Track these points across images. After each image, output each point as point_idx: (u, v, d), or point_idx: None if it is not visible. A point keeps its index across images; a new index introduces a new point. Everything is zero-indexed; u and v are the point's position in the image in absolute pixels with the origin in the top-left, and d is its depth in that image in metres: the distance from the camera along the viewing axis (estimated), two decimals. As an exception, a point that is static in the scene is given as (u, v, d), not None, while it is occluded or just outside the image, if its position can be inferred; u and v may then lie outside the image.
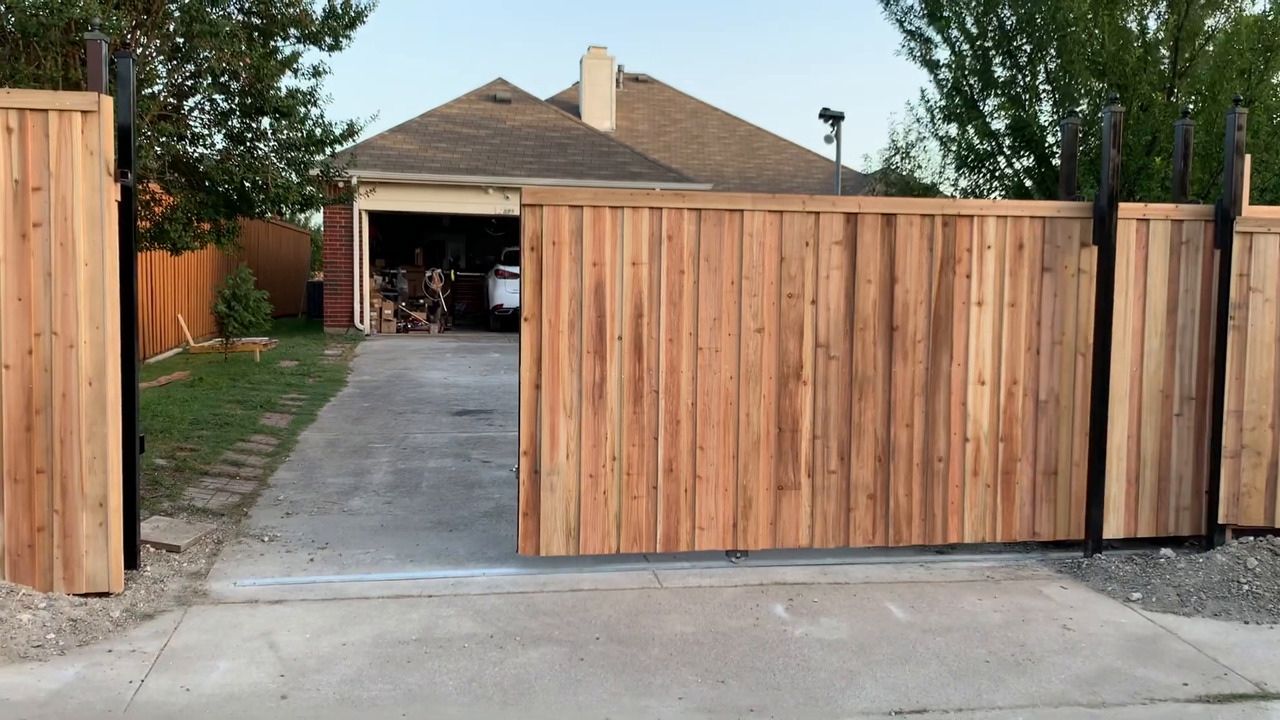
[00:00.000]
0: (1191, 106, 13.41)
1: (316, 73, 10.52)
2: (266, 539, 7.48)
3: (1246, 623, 6.21)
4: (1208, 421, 7.49)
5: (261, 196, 10.23)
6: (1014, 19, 14.97)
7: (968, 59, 15.80)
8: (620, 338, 6.81)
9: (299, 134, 10.29)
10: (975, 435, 7.27)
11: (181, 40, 9.35)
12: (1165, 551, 7.37)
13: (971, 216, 7.18)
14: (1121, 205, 7.36)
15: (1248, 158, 7.43)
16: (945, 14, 15.81)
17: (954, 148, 16.57)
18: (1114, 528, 7.43)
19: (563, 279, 6.71)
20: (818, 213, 7.00)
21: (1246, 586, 6.57)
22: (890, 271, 7.11)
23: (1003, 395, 7.29)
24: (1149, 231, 7.40)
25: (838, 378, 7.08)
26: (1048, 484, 7.38)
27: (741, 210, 6.91)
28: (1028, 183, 15.54)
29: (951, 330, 7.20)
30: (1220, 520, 7.41)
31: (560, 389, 6.74)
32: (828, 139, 24.55)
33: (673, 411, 6.90)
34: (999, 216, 7.23)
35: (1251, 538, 7.31)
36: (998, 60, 15.53)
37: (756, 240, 6.93)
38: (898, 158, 18.18)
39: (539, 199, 6.68)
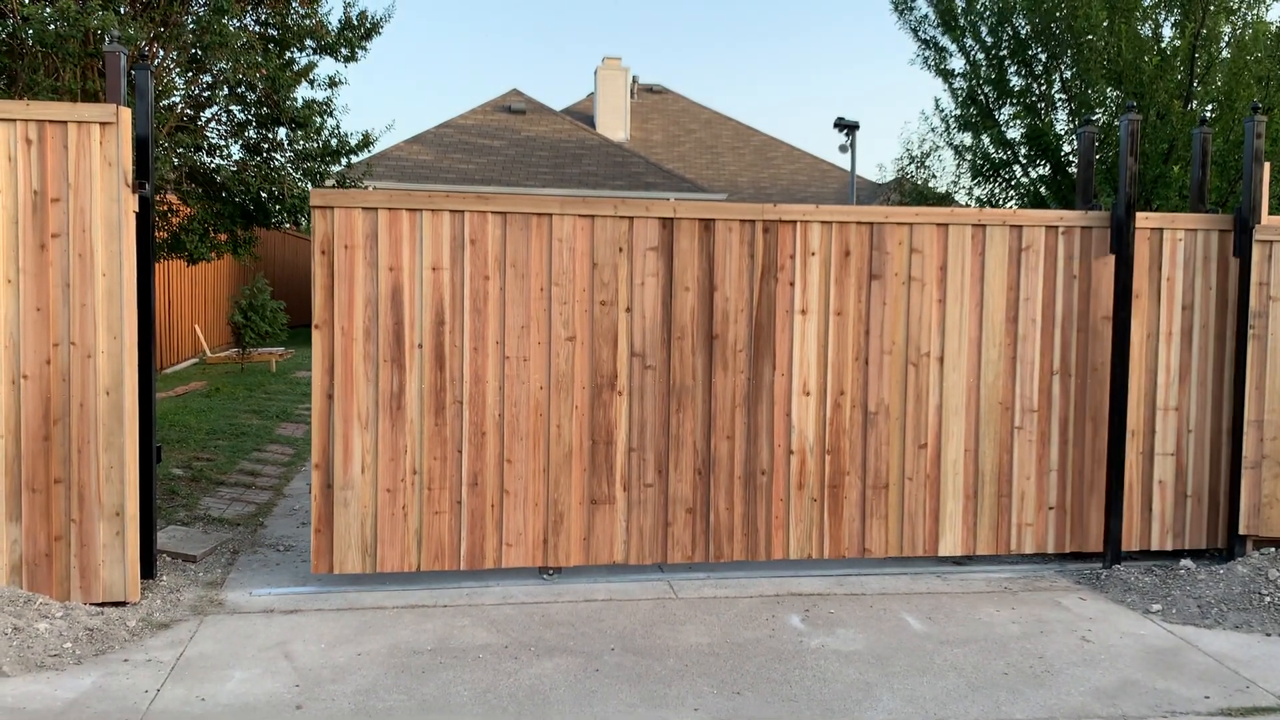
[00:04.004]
0: (1209, 114, 13.34)
1: (332, 83, 10.59)
2: (282, 549, 7.49)
3: (1268, 635, 6.14)
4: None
5: (278, 207, 10.29)
6: (1029, 28, 14.92)
7: (983, 68, 15.76)
8: (420, 346, 6.58)
9: (315, 144, 10.34)
10: (800, 447, 7.04)
11: (198, 52, 9.41)
12: (1185, 563, 7.31)
13: (794, 222, 6.96)
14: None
15: (1266, 165, 7.38)
16: (960, 23, 15.78)
17: (969, 157, 16.51)
18: (950, 544, 7.26)
19: (356, 284, 6.48)
20: (631, 217, 6.80)
21: (1268, 598, 6.50)
22: (710, 278, 6.91)
23: (829, 406, 7.05)
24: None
25: (654, 388, 6.88)
26: (878, 498, 7.14)
27: (550, 214, 6.71)
28: (1043, 191, 15.48)
29: (774, 339, 6.99)
30: (1241, 531, 7.34)
31: (355, 399, 6.51)
32: (842, 148, 24.53)
33: (478, 423, 6.67)
34: (823, 222, 7.00)
35: (1273, 549, 7.24)
36: (1013, 69, 15.48)
37: (567, 245, 6.73)
38: (912, 167, 18.14)
39: (328, 201, 6.44)
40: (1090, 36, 13.89)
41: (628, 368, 6.85)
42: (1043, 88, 15.33)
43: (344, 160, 10.70)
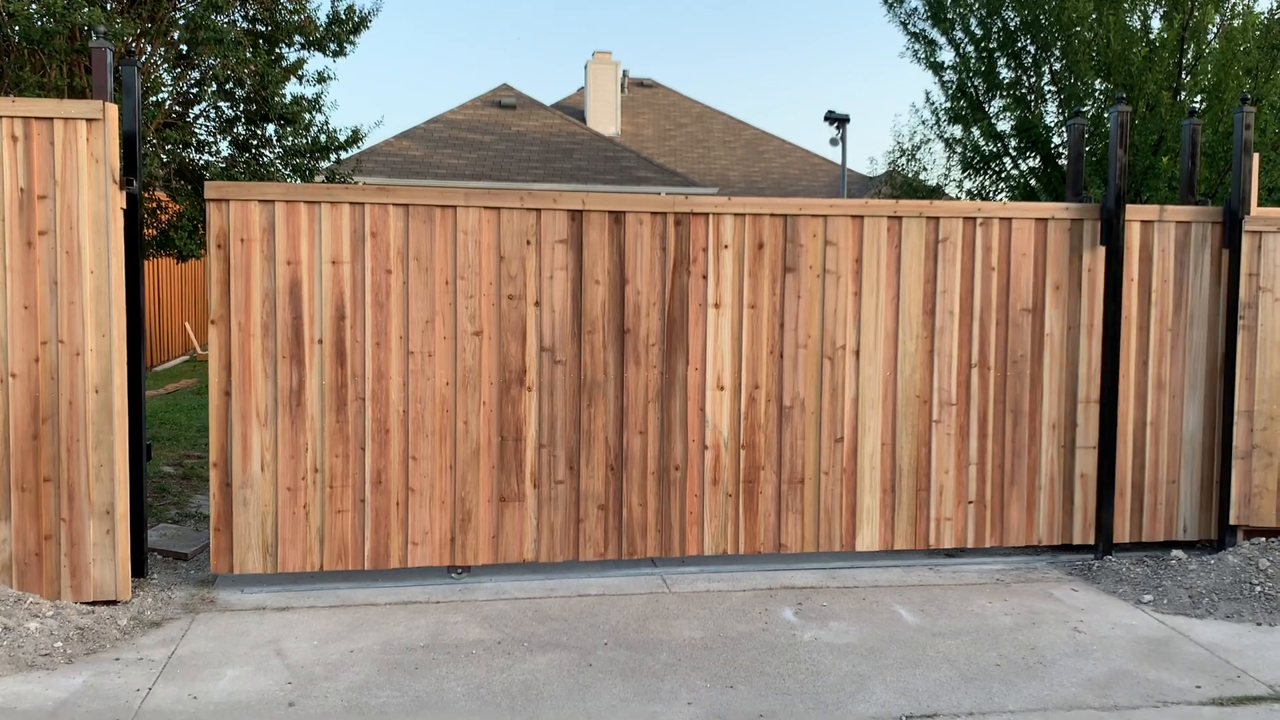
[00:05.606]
0: (1198, 105, 13.37)
1: (321, 79, 10.54)
2: (274, 546, 7.47)
3: (1259, 624, 6.16)
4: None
5: (267, 203, 10.22)
6: (1018, 20, 14.91)
7: (972, 60, 15.74)
8: (320, 341, 6.47)
9: (304, 140, 10.30)
10: (715, 442, 6.97)
11: (186, 47, 9.37)
12: (1176, 553, 7.33)
13: (706, 215, 6.88)
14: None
15: (1256, 156, 7.40)
16: (949, 16, 15.77)
17: (959, 149, 16.50)
18: (868, 539, 7.20)
19: (254, 279, 6.37)
20: (539, 209, 6.70)
21: (1259, 588, 6.53)
22: (620, 272, 6.82)
23: (744, 401, 6.98)
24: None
25: (565, 383, 6.79)
26: (794, 493, 7.07)
27: (454, 206, 6.60)
28: (1034, 184, 15.49)
29: (687, 333, 6.91)
30: (1231, 521, 7.37)
31: (253, 396, 6.41)
32: (833, 142, 24.54)
33: (381, 420, 6.57)
34: (736, 215, 6.91)
35: (1263, 539, 7.27)
36: (1002, 61, 15.47)
37: (472, 238, 6.63)
38: (903, 160, 18.13)
39: (224, 193, 6.34)
40: (1078, 28, 13.90)
41: (537, 363, 6.77)
42: (1032, 80, 15.33)
43: (333, 156, 10.65)
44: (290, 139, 10.25)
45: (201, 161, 10.10)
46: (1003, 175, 16.11)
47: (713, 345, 6.96)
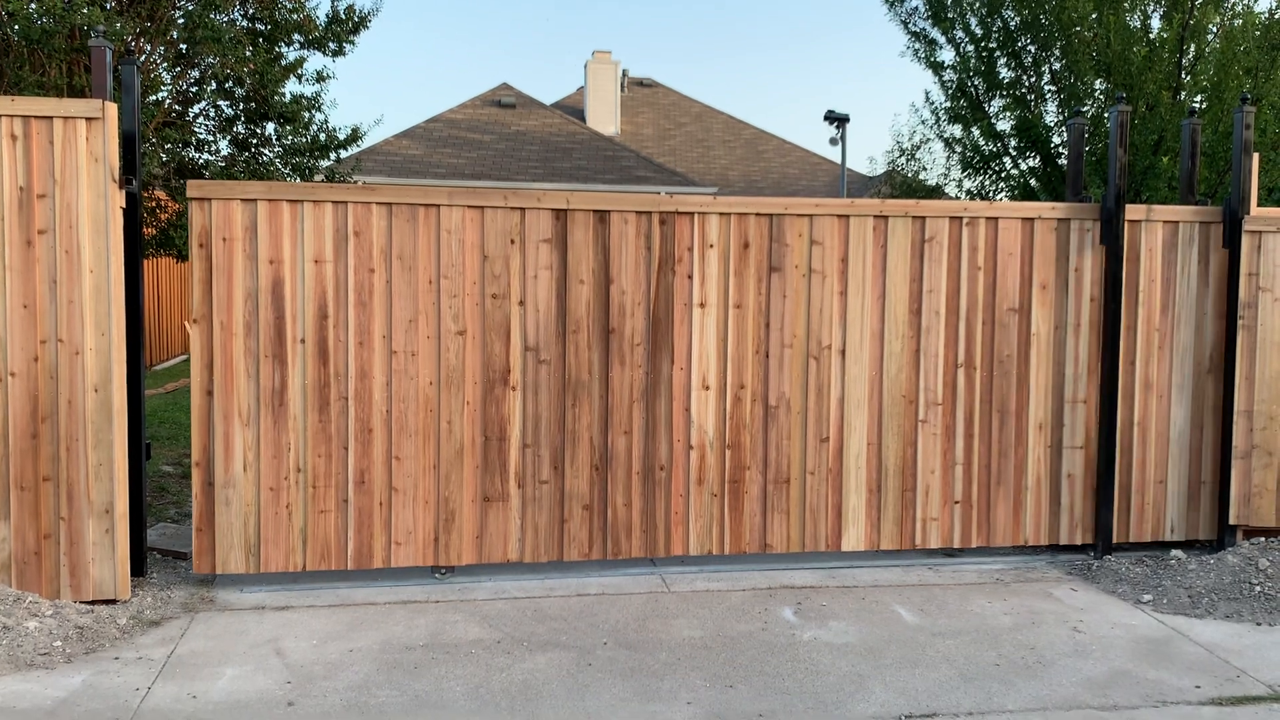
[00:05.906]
0: (1198, 105, 13.37)
1: (320, 78, 10.55)
2: (273, 545, 7.46)
3: (1259, 624, 6.16)
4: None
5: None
6: (1018, 19, 14.92)
7: (972, 60, 15.74)
8: (303, 341, 6.46)
9: (304, 139, 10.31)
10: (700, 442, 6.96)
11: (185, 46, 9.37)
12: (1176, 553, 7.33)
13: (691, 214, 6.87)
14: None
15: (1255, 156, 7.39)
16: (949, 15, 15.77)
17: (959, 149, 16.50)
18: (854, 539, 7.18)
19: (235, 278, 6.36)
20: (523, 209, 6.69)
21: (1259, 588, 6.53)
22: (605, 271, 6.81)
23: (729, 400, 6.97)
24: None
25: (549, 383, 6.78)
26: (780, 493, 7.06)
27: (438, 205, 6.58)
28: (1033, 183, 15.49)
29: (672, 333, 6.90)
30: (1231, 521, 7.37)
31: (235, 396, 6.39)
32: (833, 141, 24.53)
33: (364, 419, 6.55)
34: (721, 214, 6.90)
35: (1263, 539, 7.27)
36: (1002, 61, 15.47)
37: (456, 237, 6.61)
38: (903, 159, 18.12)
39: (206, 192, 6.32)
40: (1078, 28, 13.90)
41: (521, 362, 6.75)
42: (1032, 80, 15.33)
43: (333, 155, 10.67)
44: (290, 138, 10.27)
45: (201, 160, 10.11)
46: (1002, 175, 16.11)
47: (698, 345, 6.95)
